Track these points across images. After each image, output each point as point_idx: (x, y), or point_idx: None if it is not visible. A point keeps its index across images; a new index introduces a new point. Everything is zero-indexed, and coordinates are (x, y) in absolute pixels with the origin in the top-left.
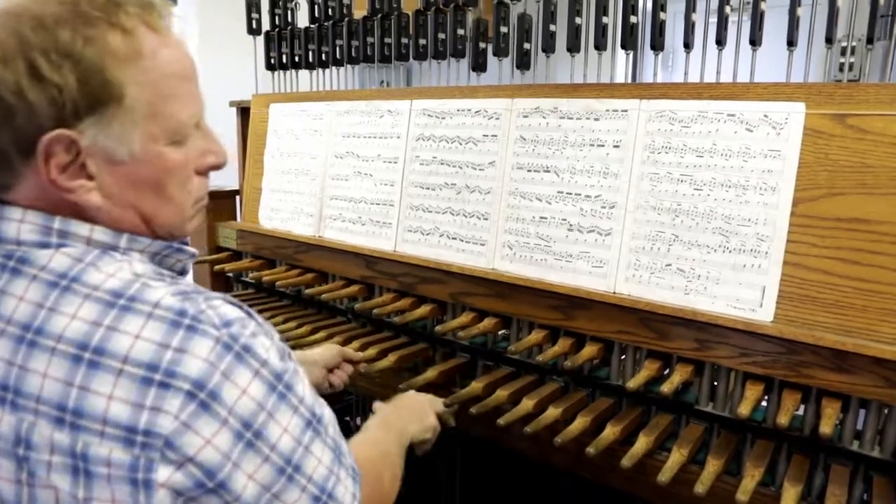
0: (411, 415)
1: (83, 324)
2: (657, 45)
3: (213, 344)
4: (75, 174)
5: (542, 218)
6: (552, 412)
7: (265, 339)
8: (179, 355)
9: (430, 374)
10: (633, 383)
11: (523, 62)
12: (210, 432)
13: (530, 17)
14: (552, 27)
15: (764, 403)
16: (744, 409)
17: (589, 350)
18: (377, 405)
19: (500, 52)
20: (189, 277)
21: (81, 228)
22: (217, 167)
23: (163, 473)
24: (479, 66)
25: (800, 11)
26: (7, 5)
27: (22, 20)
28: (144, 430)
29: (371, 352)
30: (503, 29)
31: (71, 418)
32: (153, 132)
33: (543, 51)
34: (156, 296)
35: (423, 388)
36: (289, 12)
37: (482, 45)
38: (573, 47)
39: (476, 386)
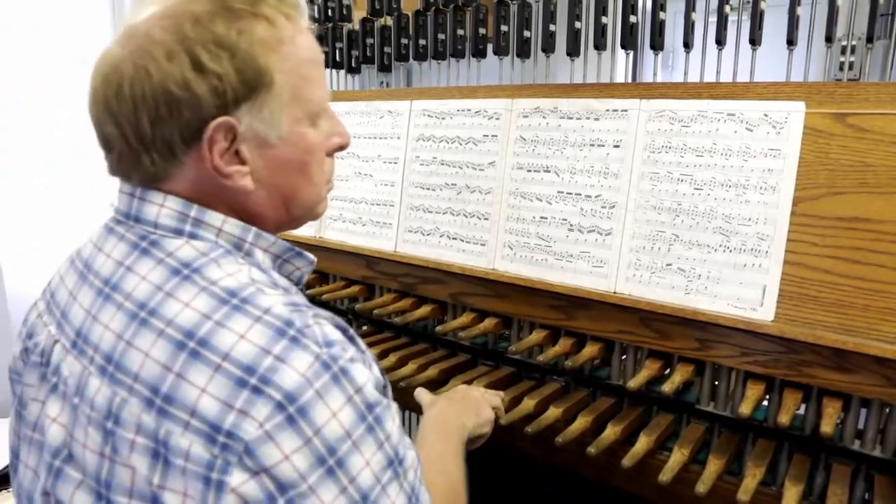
0: (468, 409)
1: (194, 313)
2: (657, 44)
3: (313, 360)
4: (231, 160)
5: (542, 218)
6: (553, 412)
7: (363, 367)
8: (278, 363)
9: (431, 371)
10: (633, 383)
11: (523, 51)
12: (291, 448)
13: (530, 5)
14: (552, 27)
15: (765, 403)
16: (745, 409)
17: (590, 350)
18: (425, 397)
19: (501, 51)
20: None
21: (215, 219)
22: (343, 147)
23: (237, 478)
24: (478, 52)
25: (799, 10)
26: (161, 8)
27: (179, 19)
28: (228, 431)
29: (374, 352)
30: (503, 28)
31: (161, 403)
32: (297, 114)
33: (543, 51)
34: (268, 302)
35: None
36: None
37: (482, 30)
38: (573, 51)
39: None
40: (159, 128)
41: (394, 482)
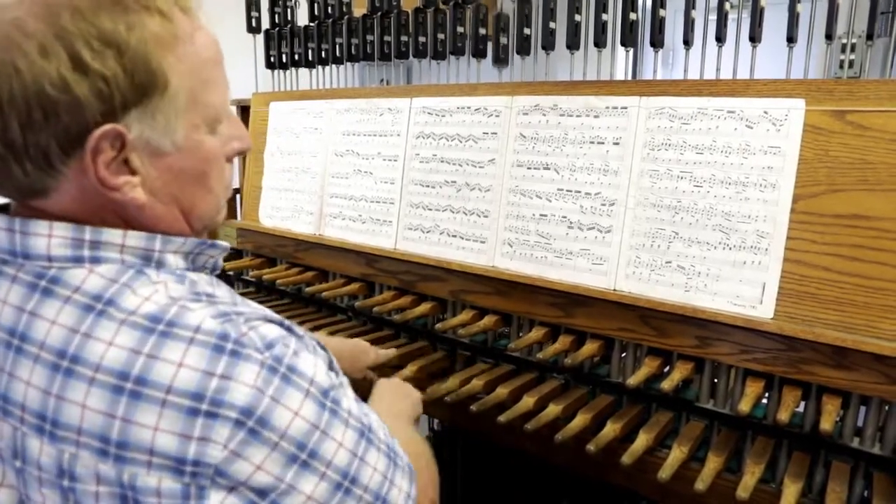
0: (401, 397)
1: (122, 351)
2: (657, 42)
3: (259, 368)
4: (119, 170)
5: (542, 215)
6: (552, 409)
7: (308, 355)
8: (225, 383)
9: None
10: (633, 380)
11: (523, 47)
12: (260, 458)
13: (531, 3)
14: (552, 24)
15: (764, 400)
16: (744, 406)
17: (589, 347)
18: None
19: (500, 62)
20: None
21: (114, 236)
22: (242, 152)
23: (215, 499)
24: (479, 52)
25: (799, 8)
26: (36, 4)
27: (55, 8)
28: (193, 460)
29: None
30: (503, 39)
31: (116, 450)
32: (194, 121)
33: (543, 48)
34: (195, 319)
35: (424, 385)
36: (288, 10)
37: (482, 30)
38: (573, 45)
39: (476, 383)
40: (32, 134)
41: (370, 449)
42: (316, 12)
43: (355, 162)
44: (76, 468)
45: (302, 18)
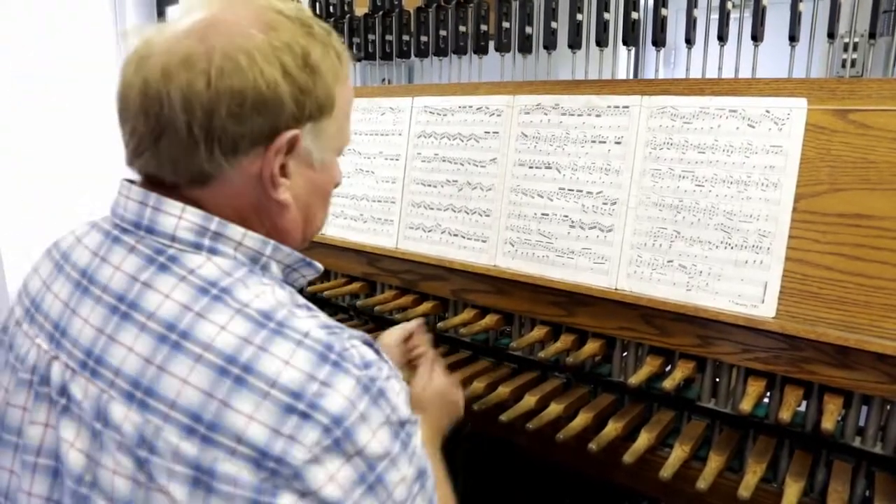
0: (447, 411)
1: (234, 337)
2: (659, 41)
3: (355, 383)
4: (280, 172)
5: (543, 215)
6: (554, 408)
7: (396, 384)
8: (324, 389)
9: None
10: (634, 380)
11: (525, 46)
12: (336, 468)
13: (532, 2)
14: (553, 24)
15: (766, 400)
16: (746, 406)
17: (591, 346)
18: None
19: (502, 48)
20: None
21: (235, 232)
22: (337, 185)
23: (285, 501)
24: (480, 48)
25: (802, 7)
26: (251, 12)
27: (272, 27)
28: (277, 457)
29: None
30: (505, 24)
31: (205, 431)
32: (337, 146)
33: (545, 47)
34: (304, 326)
35: None
36: None
37: (483, 27)
38: (574, 44)
39: (478, 383)
40: (233, 123)
41: (420, 494)
42: (317, 11)
43: (357, 161)
44: (158, 441)
45: None
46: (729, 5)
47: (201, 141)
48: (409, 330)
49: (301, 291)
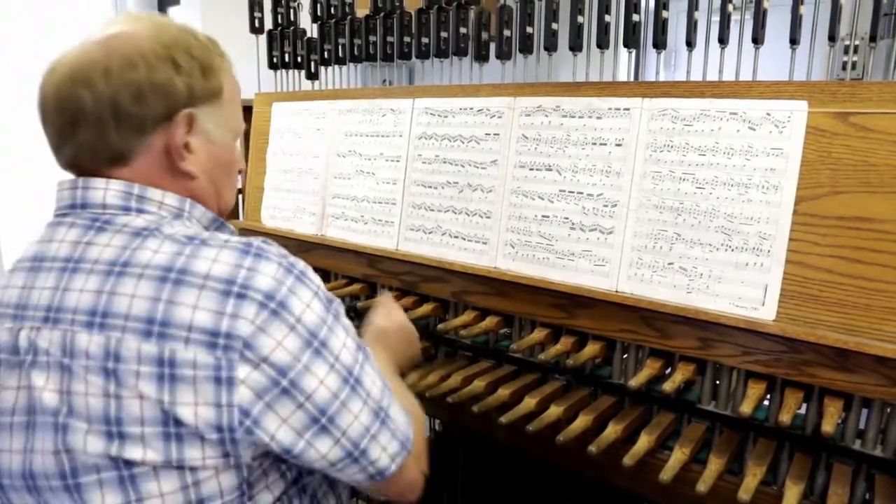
0: (408, 344)
1: (166, 255)
2: (660, 43)
3: (277, 266)
4: (184, 146)
5: (544, 216)
6: (554, 411)
7: (312, 274)
8: (251, 273)
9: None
10: (635, 382)
11: (526, 46)
12: (281, 335)
13: (533, 3)
14: (554, 25)
15: (766, 402)
16: (746, 408)
17: (591, 349)
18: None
19: (503, 55)
20: None
21: (155, 194)
22: (241, 171)
23: (242, 371)
24: (481, 56)
25: (803, 9)
26: (146, 28)
27: (162, 34)
28: (226, 332)
29: None
30: (506, 32)
31: (159, 329)
32: (232, 127)
33: (546, 49)
34: (224, 237)
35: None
36: (291, 11)
37: (484, 35)
38: (575, 46)
39: (478, 384)
40: (138, 107)
41: (367, 363)
42: (318, 13)
43: (357, 163)
44: (122, 350)
45: (305, 19)
46: (730, 8)
47: (111, 125)
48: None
49: None
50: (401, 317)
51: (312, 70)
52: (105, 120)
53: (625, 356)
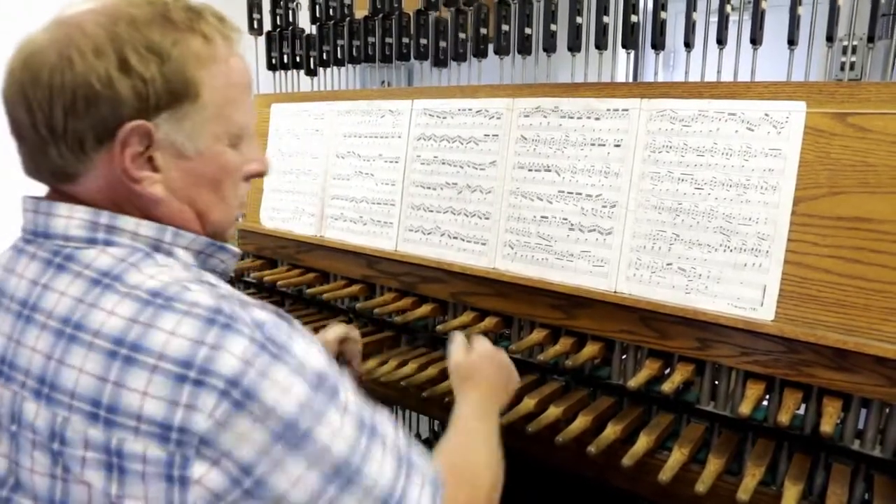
0: (504, 376)
1: (120, 320)
2: (658, 44)
3: (249, 343)
4: (143, 165)
5: (542, 217)
6: (553, 411)
7: (301, 340)
8: (213, 352)
9: (431, 371)
10: (634, 382)
11: (524, 47)
12: (245, 429)
13: (532, 4)
14: (553, 26)
15: (765, 402)
16: (745, 409)
17: (590, 349)
18: (460, 356)
19: (502, 51)
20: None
21: (128, 223)
22: (260, 174)
23: (198, 470)
24: (479, 52)
25: (801, 10)
26: (99, 5)
27: (115, 17)
28: (179, 427)
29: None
30: (504, 27)
31: (105, 414)
32: (217, 132)
33: (545, 50)
34: (194, 297)
35: (425, 384)
36: (290, 12)
37: (483, 30)
38: (574, 47)
39: None
40: (73, 120)
41: (374, 445)
42: (317, 14)
43: (356, 163)
44: (67, 432)
45: (303, 20)
46: (728, 9)
47: (50, 142)
48: (348, 333)
49: (295, 292)
50: (485, 347)
51: (311, 67)
52: (42, 134)
53: (624, 357)
